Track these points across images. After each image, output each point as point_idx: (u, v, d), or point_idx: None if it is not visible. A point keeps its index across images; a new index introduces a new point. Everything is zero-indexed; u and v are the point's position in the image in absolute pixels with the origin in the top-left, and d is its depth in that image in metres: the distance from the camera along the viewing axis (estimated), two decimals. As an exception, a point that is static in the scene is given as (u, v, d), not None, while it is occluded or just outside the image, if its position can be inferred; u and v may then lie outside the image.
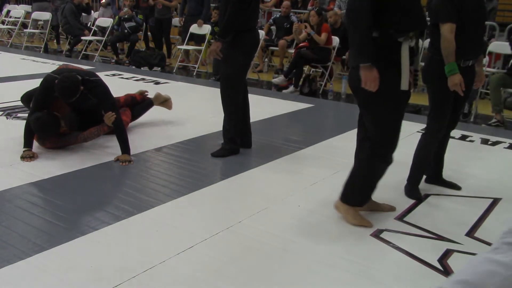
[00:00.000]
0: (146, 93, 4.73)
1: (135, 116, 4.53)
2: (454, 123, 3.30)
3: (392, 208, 3.06)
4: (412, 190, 3.28)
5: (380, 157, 2.71)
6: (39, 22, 11.24)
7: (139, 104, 4.59)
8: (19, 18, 11.45)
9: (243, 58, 3.83)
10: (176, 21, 9.73)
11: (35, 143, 3.85)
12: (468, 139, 4.75)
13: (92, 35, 9.84)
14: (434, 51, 3.06)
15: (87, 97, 3.73)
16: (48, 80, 3.70)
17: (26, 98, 4.26)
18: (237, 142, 3.99)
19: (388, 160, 2.73)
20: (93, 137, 3.92)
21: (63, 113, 3.84)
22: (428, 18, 3.13)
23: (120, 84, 6.72)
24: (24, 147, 3.71)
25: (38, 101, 3.76)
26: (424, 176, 3.44)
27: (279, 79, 7.24)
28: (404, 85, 2.55)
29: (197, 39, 8.73)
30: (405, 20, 2.51)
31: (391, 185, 3.40)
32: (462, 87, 2.95)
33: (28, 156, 3.66)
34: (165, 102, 4.85)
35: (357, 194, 2.84)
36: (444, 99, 3.07)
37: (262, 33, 8.23)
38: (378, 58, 2.50)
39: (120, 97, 4.43)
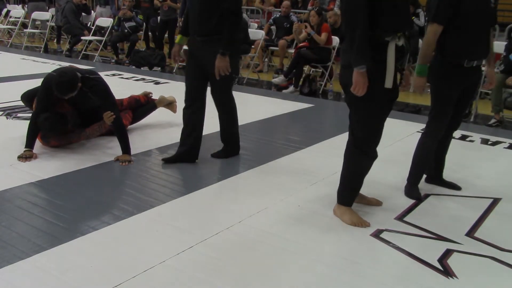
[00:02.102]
0: (150, 94, 4.71)
1: (137, 118, 4.51)
2: (457, 124, 3.29)
3: (378, 202, 3.09)
4: (411, 189, 3.28)
5: (363, 153, 2.75)
6: (37, 22, 11.23)
7: (143, 106, 4.57)
8: (19, 18, 11.46)
9: (236, 63, 3.80)
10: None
11: (38, 143, 3.85)
12: (468, 139, 4.75)
13: (92, 35, 9.84)
14: (436, 51, 3.06)
15: (87, 95, 3.73)
16: (49, 79, 3.69)
17: (27, 97, 4.25)
18: (238, 141, 4.00)
19: (372, 155, 2.77)
20: (95, 134, 3.93)
21: (66, 112, 3.84)
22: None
23: (120, 84, 6.72)
24: (25, 147, 3.71)
25: (41, 101, 3.74)
26: (424, 176, 3.44)
27: (279, 79, 7.24)
28: (388, 83, 2.56)
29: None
30: (392, 21, 2.52)
31: (391, 185, 3.41)
32: (420, 91, 3.07)
33: (25, 156, 3.65)
34: (169, 104, 4.80)
35: (348, 192, 2.88)
36: (446, 99, 3.06)
37: (262, 33, 8.26)
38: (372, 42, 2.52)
39: (123, 99, 4.42)
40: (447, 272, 2.40)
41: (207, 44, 3.49)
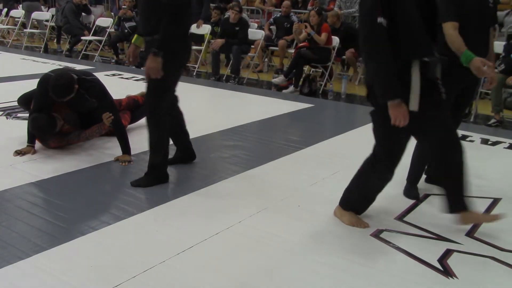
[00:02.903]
0: None
1: (135, 119, 4.51)
2: (457, 123, 3.29)
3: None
4: (410, 189, 3.28)
5: (377, 173, 2.69)
6: (34, 22, 11.27)
7: (141, 107, 4.57)
8: (19, 18, 11.46)
9: (176, 68, 3.25)
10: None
11: (39, 145, 3.86)
12: (468, 139, 4.75)
13: (92, 35, 9.84)
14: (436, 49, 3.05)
15: (84, 97, 3.73)
16: (46, 80, 3.68)
17: (23, 100, 4.25)
18: (165, 167, 3.40)
19: (383, 177, 2.70)
20: (95, 135, 3.93)
21: (64, 113, 3.84)
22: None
23: (120, 84, 6.72)
24: (27, 142, 3.77)
25: (38, 102, 3.75)
26: (424, 176, 3.44)
27: (279, 79, 7.24)
28: (413, 105, 2.45)
29: (197, 39, 8.72)
30: (410, 49, 2.43)
31: (390, 185, 3.39)
32: (486, 70, 2.83)
33: (21, 152, 3.71)
34: None
35: (353, 203, 2.86)
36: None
37: (262, 33, 8.26)
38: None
39: (122, 99, 4.42)
40: (447, 272, 2.40)
41: (149, 44, 3.13)
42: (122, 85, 6.61)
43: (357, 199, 2.85)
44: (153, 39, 3.08)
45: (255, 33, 8.21)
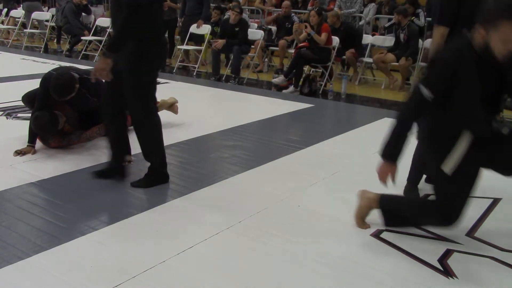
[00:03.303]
0: None
1: None
2: None
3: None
4: (410, 189, 3.28)
5: (438, 224, 2.64)
6: (34, 22, 11.29)
7: None
8: (19, 18, 11.47)
9: (148, 70, 3.15)
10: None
11: (40, 144, 3.86)
12: (468, 139, 4.75)
13: (93, 35, 9.85)
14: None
15: (85, 96, 3.73)
16: (48, 78, 3.69)
17: (27, 98, 4.26)
18: (165, 168, 3.37)
19: (439, 221, 2.60)
20: (95, 136, 3.94)
21: (66, 113, 3.84)
22: (429, 19, 3.10)
23: (120, 84, 6.72)
24: (28, 142, 3.76)
25: (40, 100, 3.76)
26: (424, 176, 3.44)
27: (279, 79, 7.24)
28: (448, 168, 2.44)
29: (197, 39, 8.73)
30: (466, 122, 2.44)
31: (391, 185, 3.40)
32: None
33: (22, 152, 3.71)
34: (171, 106, 4.80)
35: (388, 214, 2.77)
36: None
37: (261, 33, 8.26)
38: (442, 132, 2.49)
39: None
40: (447, 272, 2.40)
41: None
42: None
43: (395, 216, 2.77)
44: None
45: (255, 33, 8.21)
